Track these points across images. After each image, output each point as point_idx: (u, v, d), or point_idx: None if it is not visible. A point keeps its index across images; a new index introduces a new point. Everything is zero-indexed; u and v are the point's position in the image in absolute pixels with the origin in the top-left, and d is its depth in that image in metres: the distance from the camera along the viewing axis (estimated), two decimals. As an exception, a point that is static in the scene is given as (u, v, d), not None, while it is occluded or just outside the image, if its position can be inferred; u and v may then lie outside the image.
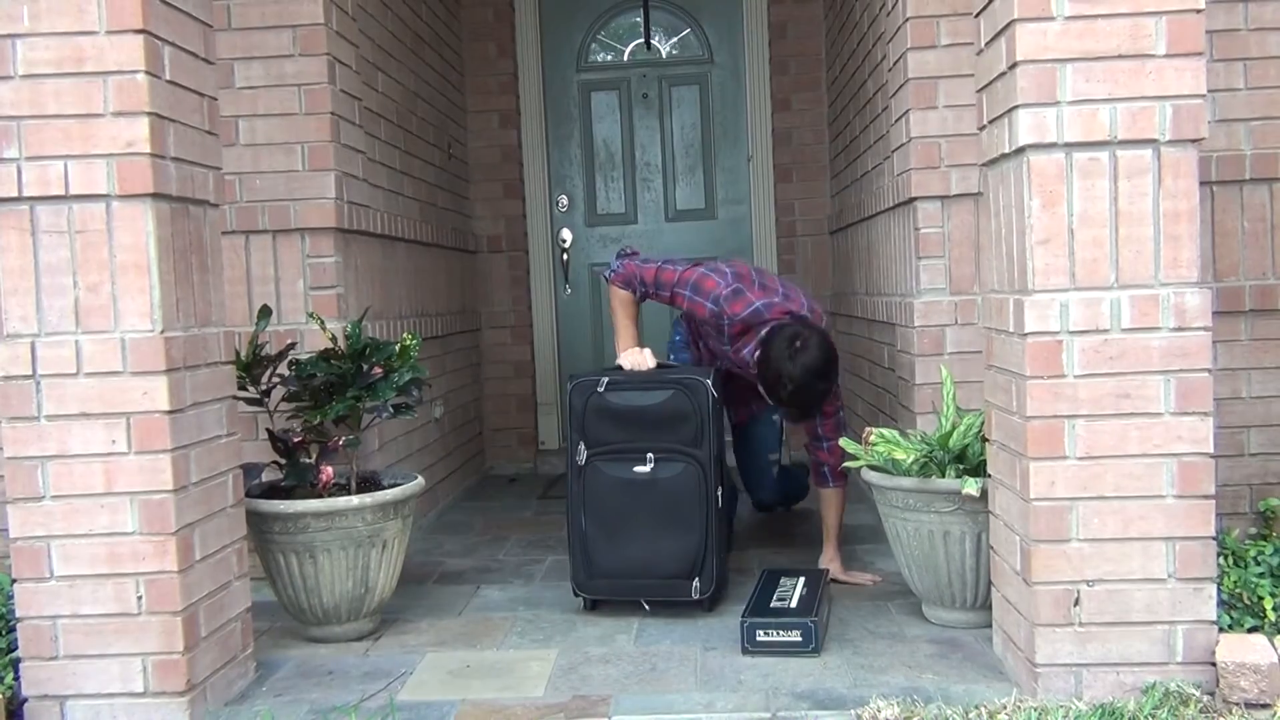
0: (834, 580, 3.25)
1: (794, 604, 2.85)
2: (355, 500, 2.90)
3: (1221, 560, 2.80)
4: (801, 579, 3.05)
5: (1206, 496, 2.33)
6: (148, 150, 2.34)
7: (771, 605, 2.85)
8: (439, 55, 5.03)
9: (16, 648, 2.48)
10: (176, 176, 2.45)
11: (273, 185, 3.44)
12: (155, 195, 2.37)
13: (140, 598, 2.40)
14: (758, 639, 2.74)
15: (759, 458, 3.88)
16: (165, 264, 2.40)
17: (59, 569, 2.40)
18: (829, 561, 3.39)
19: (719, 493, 3.09)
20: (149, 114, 2.34)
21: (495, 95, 5.60)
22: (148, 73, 2.34)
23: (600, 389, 3.12)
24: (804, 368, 3.07)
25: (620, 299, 3.42)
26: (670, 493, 3.06)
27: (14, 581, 2.43)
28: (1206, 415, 2.32)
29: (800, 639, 2.72)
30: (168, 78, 2.43)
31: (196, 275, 2.55)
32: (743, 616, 2.79)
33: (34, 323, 2.38)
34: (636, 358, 3.26)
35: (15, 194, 2.36)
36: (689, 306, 3.33)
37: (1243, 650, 2.31)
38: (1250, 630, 2.54)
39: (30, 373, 2.37)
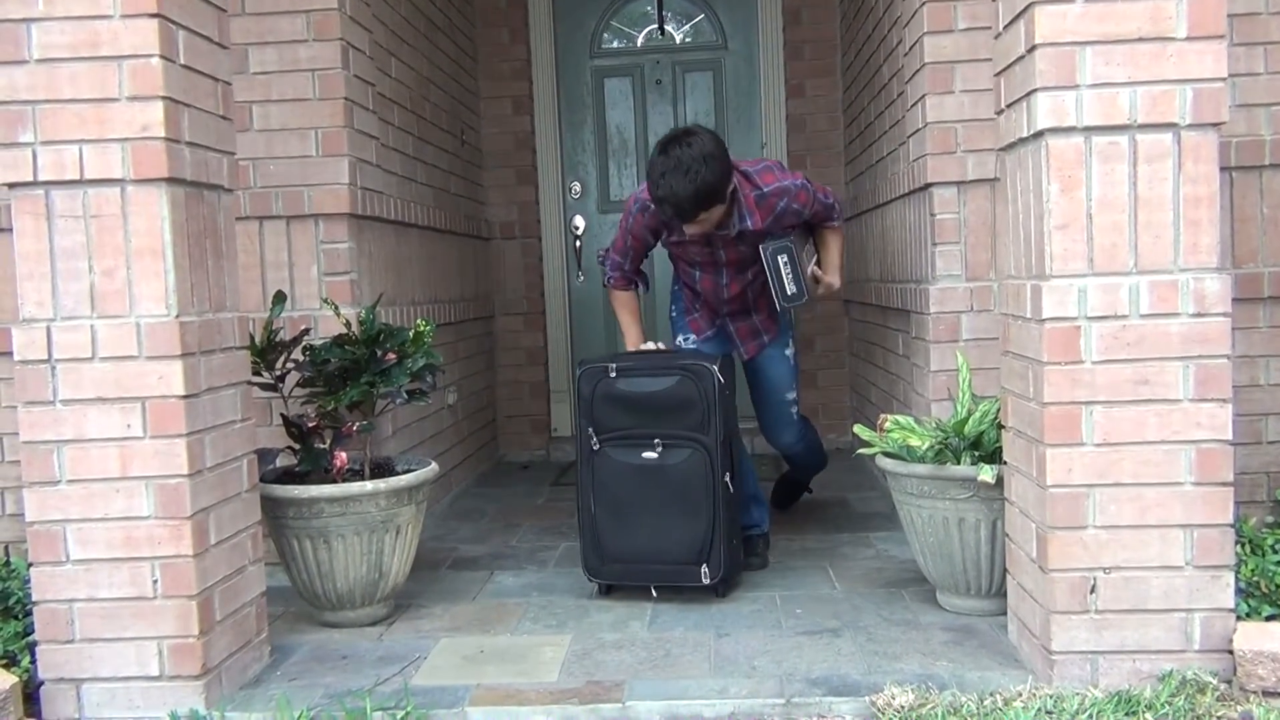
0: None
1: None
2: (369, 486, 2.90)
3: (1239, 548, 2.79)
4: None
5: (1225, 484, 2.31)
6: (162, 135, 2.34)
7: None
8: (452, 41, 5.02)
9: (33, 631, 2.49)
10: (191, 161, 2.45)
11: (287, 171, 3.44)
12: (170, 180, 2.37)
13: (156, 582, 2.41)
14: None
15: (774, 396, 3.64)
16: (180, 249, 2.41)
17: (75, 553, 2.41)
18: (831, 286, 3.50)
19: (726, 478, 3.08)
20: (163, 98, 2.34)
21: (508, 81, 5.58)
22: (162, 57, 2.34)
23: (609, 375, 3.12)
24: (662, 142, 3.13)
25: (617, 300, 3.55)
26: (677, 478, 3.06)
27: (30, 565, 2.44)
28: (1225, 402, 2.30)
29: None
30: (182, 62, 2.42)
31: (211, 260, 2.55)
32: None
33: (50, 307, 2.39)
34: (644, 349, 3.35)
35: (31, 178, 2.36)
36: (640, 224, 3.39)
37: (1260, 638, 2.29)
38: (1268, 619, 2.53)
39: (46, 357, 2.38)
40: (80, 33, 2.33)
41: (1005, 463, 2.66)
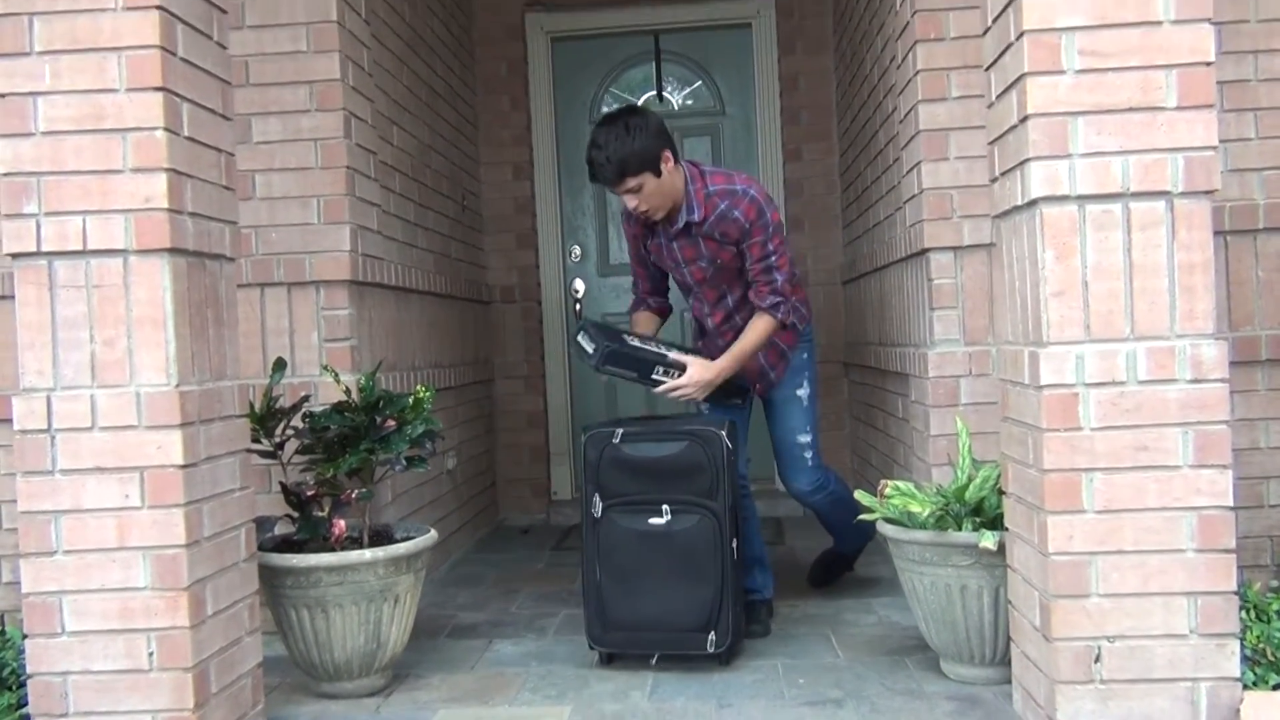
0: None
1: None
2: (368, 554, 2.88)
3: (1243, 614, 2.76)
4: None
5: (1227, 550, 2.30)
6: (165, 206, 2.36)
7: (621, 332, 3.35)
8: (453, 108, 5.08)
9: (27, 703, 2.46)
10: (193, 231, 2.47)
11: (288, 238, 3.47)
12: (172, 250, 2.39)
13: (151, 654, 2.38)
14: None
15: (785, 438, 3.53)
16: (181, 318, 2.42)
17: (70, 624, 2.39)
18: (704, 368, 3.30)
19: (734, 544, 3.07)
20: (167, 170, 2.37)
21: (509, 147, 5.65)
22: (166, 129, 2.37)
23: (615, 440, 3.11)
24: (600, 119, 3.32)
25: (633, 322, 3.60)
26: (685, 545, 3.04)
27: (25, 637, 2.42)
28: (1225, 468, 2.30)
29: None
30: (186, 134, 2.45)
31: (212, 329, 2.56)
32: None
33: (50, 377, 2.39)
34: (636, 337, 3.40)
35: (34, 249, 2.38)
36: (629, 233, 3.56)
37: (1268, 708, 2.27)
38: (1275, 687, 2.49)
39: (45, 426, 2.38)
40: (85, 106, 2.37)
41: (1007, 529, 2.65)
